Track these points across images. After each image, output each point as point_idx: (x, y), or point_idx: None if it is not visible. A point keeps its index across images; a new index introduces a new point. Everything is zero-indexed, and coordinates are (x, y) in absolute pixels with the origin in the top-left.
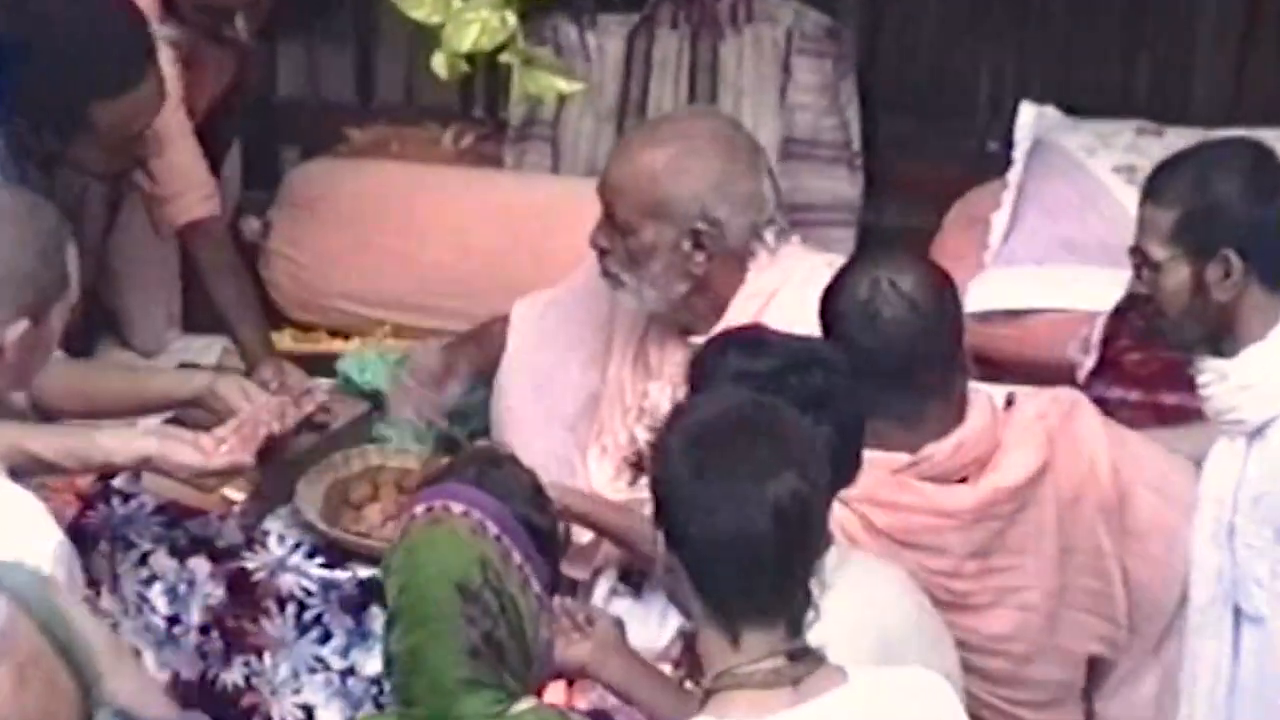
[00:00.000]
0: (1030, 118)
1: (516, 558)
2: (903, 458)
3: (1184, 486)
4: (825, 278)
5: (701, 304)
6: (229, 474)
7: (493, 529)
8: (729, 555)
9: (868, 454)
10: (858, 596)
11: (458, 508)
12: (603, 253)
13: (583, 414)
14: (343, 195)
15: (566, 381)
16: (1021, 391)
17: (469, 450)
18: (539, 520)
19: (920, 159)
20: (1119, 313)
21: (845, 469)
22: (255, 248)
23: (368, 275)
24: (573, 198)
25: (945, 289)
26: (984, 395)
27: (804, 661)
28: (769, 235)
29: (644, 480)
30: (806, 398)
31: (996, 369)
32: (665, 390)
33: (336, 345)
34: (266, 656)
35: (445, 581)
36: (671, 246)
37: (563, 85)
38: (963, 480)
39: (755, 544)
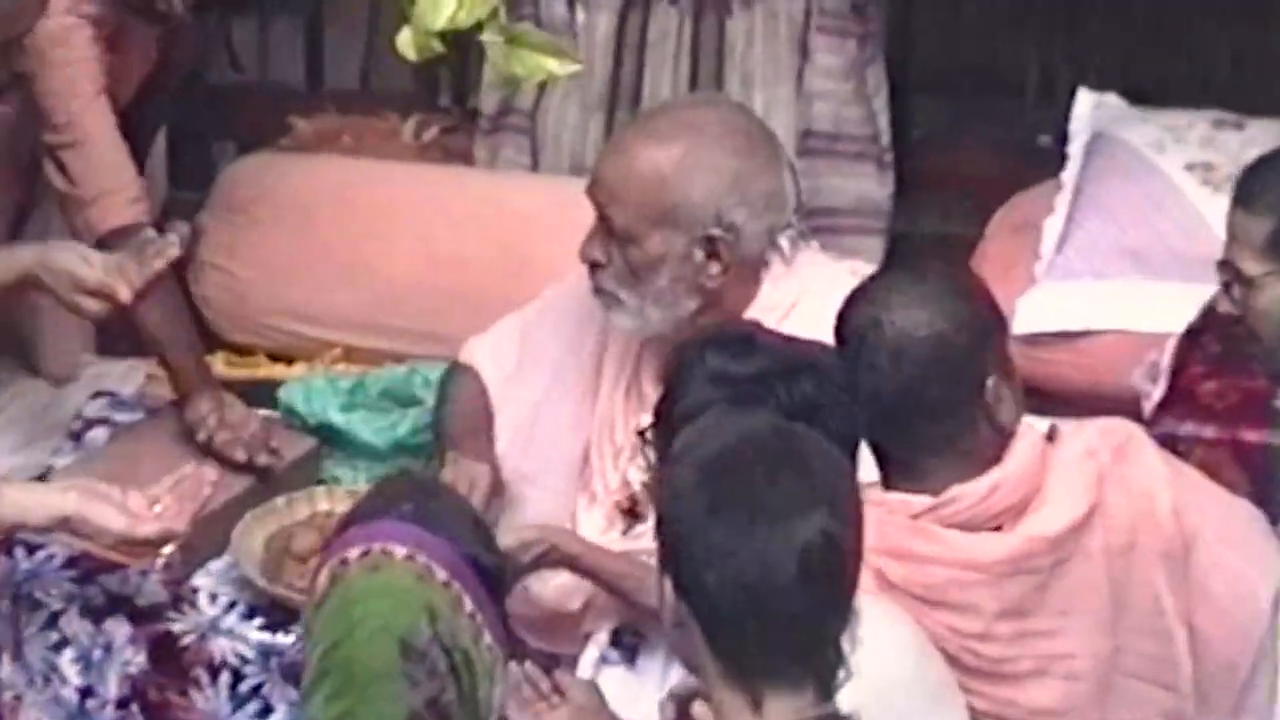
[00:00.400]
0: (1088, 107)
1: (468, 605)
2: (924, 500)
3: (1255, 531)
4: (849, 288)
5: (709, 321)
6: (160, 543)
7: (441, 573)
8: (750, 607)
9: (884, 496)
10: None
11: (400, 550)
12: (595, 267)
13: (582, 458)
14: (286, 196)
15: (558, 422)
16: (1066, 425)
17: (397, 480)
18: (488, 560)
19: (960, 155)
20: (1192, 335)
21: None
22: (184, 257)
23: (315, 289)
24: (555, 199)
25: (972, 318)
26: (1034, 431)
27: None
28: (784, 241)
29: (639, 528)
30: (792, 409)
31: (1049, 400)
32: None
33: (278, 371)
34: None
35: (388, 638)
36: (681, 257)
37: (554, 66)
38: (996, 528)
39: (781, 593)
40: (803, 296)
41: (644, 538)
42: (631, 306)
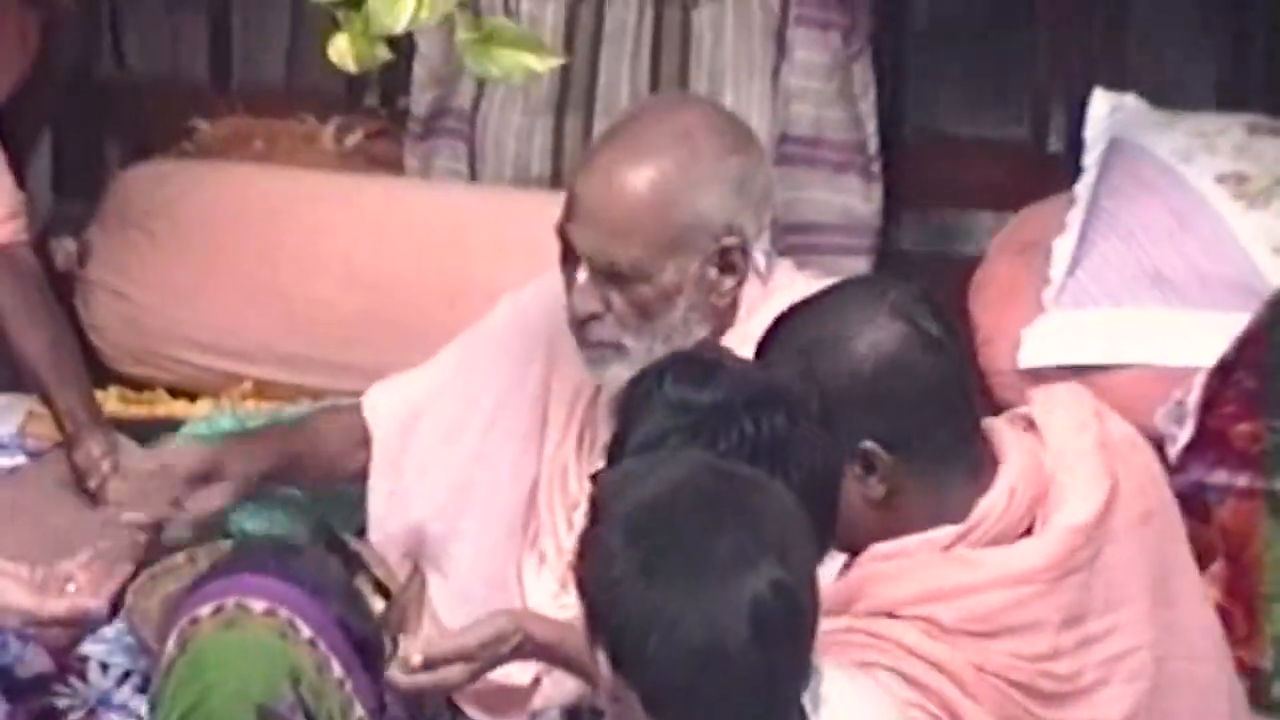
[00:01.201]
0: (1105, 110)
1: (336, 670)
2: (947, 530)
3: None
4: None
5: None
6: (72, 623)
7: (305, 630)
8: (699, 675)
9: (900, 542)
10: None
11: (258, 605)
12: (589, 320)
13: (525, 513)
14: (188, 208)
15: (498, 473)
16: (1006, 415)
17: (254, 539)
18: (360, 626)
19: (958, 164)
20: (1224, 370)
21: (817, 541)
22: (69, 278)
23: (221, 315)
24: (495, 213)
25: (937, 349)
26: (1001, 424)
27: None
28: (759, 255)
29: None
30: (758, 443)
31: None
32: None
33: (179, 408)
34: None
35: (243, 704)
36: (697, 280)
37: (535, 63)
38: (1026, 533)
39: (732, 657)
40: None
41: None
42: (638, 353)
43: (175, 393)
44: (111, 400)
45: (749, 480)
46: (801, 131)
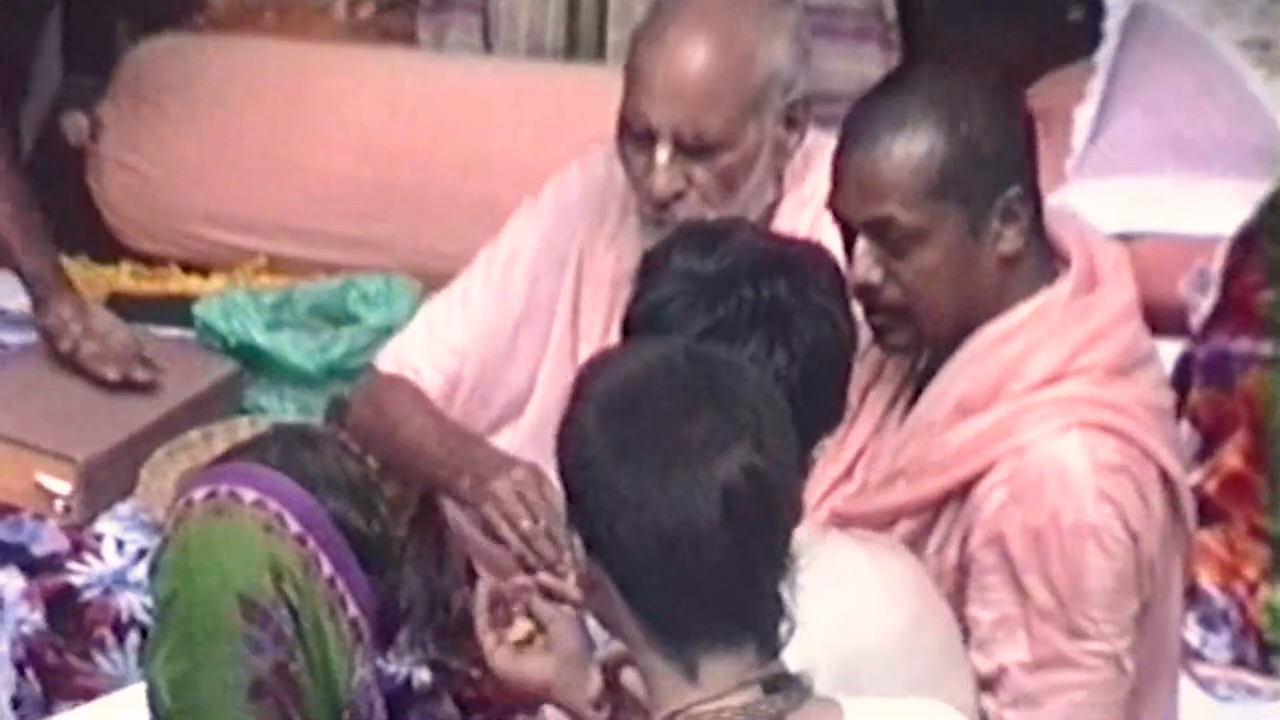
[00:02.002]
0: None
1: (325, 568)
2: (1061, 290)
3: None
4: None
5: (760, 222)
6: None
7: (294, 526)
8: (670, 560)
9: (1017, 314)
10: (820, 607)
11: (248, 495)
12: (671, 202)
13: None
14: (200, 83)
15: (527, 390)
16: None
17: (278, 426)
18: (361, 524)
19: (976, 32)
20: (1247, 238)
21: (820, 417)
22: (80, 153)
23: (234, 190)
24: (509, 85)
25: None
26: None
27: (785, 692)
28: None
29: None
30: (759, 311)
31: None
32: None
33: (193, 284)
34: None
35: (225, 592)
36: (771, 141)
37: None
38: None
39: (703, 543)
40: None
41: None
42: None
43: (188, 268)
44: (123, 276)
45: (725, 364)
46: (820, 1)
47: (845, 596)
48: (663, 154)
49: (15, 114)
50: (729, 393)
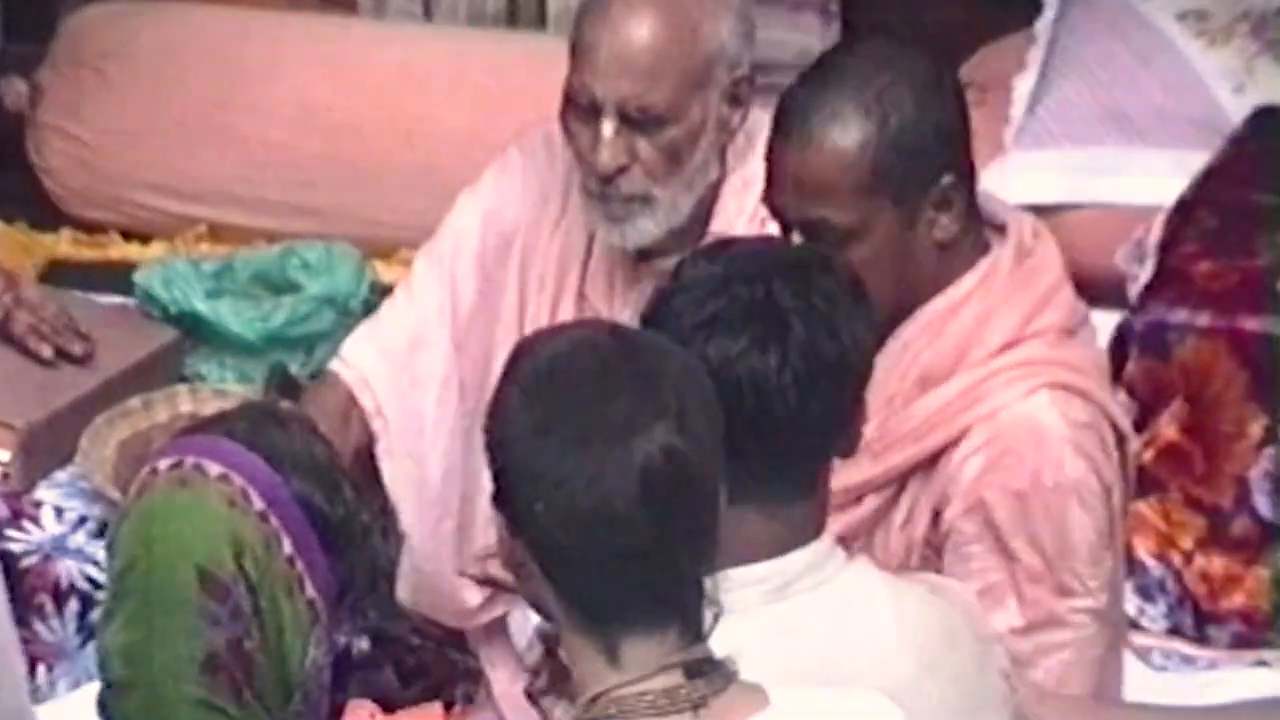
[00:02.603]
0: None
1: (286, 547)
2: (1004, 254)
3: None
4: None
5: (697, 210)
6: None
7: (257, 503)
8: (588, 540)
9: (962, 286)
10: (820, 625)
11: (214, 469)
12: (616, 176)
13: None
14: (140, 48)
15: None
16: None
17: (247, 402)
18: (324, 506)
19: (916, 3)
20: (1184, 209)
21: (819, 433)
22: (20, 119)
23: (174, 156)
24: (450, 53)
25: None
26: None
27: (708, 678)
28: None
29: None
30: (752, 311)
31: None
32: None
33: (133, 251)
34: (40, 671)
35: (184, 563)
36: (715, 116)
37: None
38: None
39: (620, 522)
40: None
41: None
42: (664, 202)
43: (128, 235)
44: (64, 243)
45: (650, 344)
46: None
47: (849, 624)
48: (608, 128)
49: None
50: (652, 373)
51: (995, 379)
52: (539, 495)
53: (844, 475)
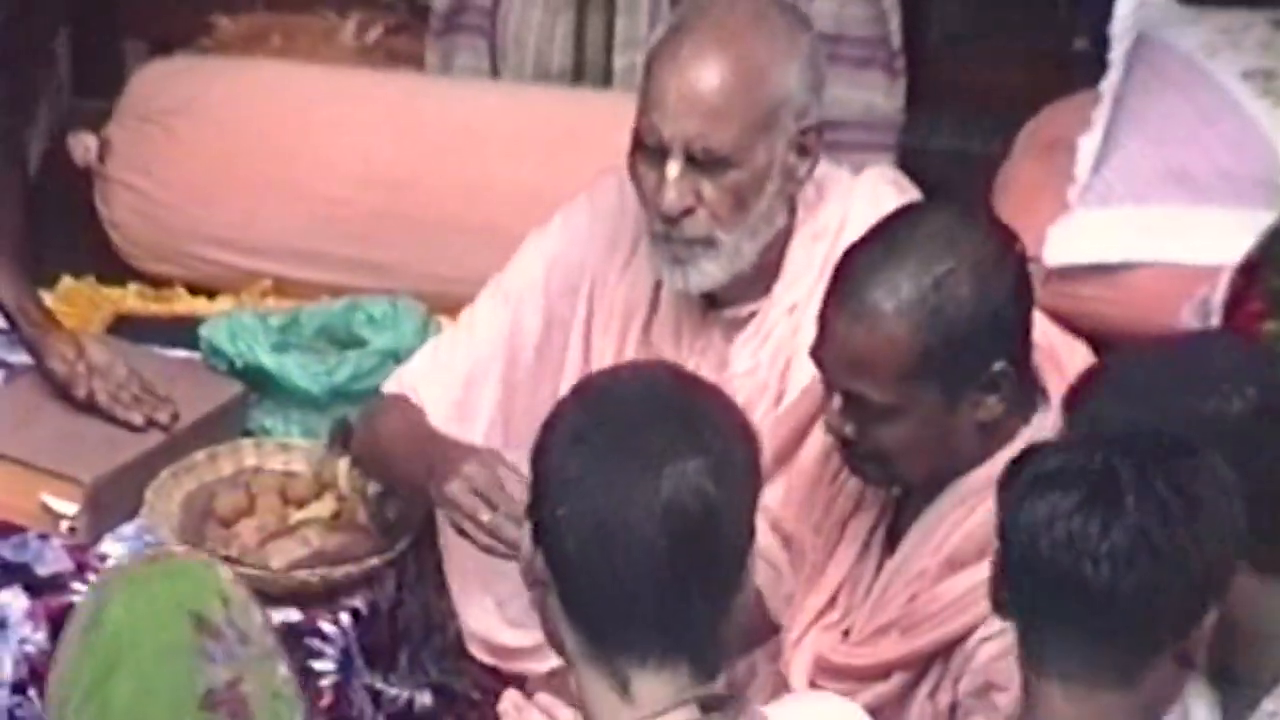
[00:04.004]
0: (1131, 6)
1: (257, 616)
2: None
3: None
4: (895, 203)
5: (768, 257)
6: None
7: (226, 573)
8: (604, 556)
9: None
10: None
11: (179, 548)
12: (680, 218)
13: None
14: (207, 105)
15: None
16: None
17: None
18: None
19: (983, 61)
20: (1249, 267)
21: (1167, 630)
22: (88, 174)
23: (241, 212)
24: (516, 110)
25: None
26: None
27: (723, 711)
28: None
29: None
30: (1209, 433)
31: (1086, 343)
32: None
33: (199, 305)
34: None
35: (179, 612)
36: (781, 163)
37: None
38: None
39: (638, 545)
40: (848, 217)
41: None
42: (728, 246)
43: (194, 290)
44: (130, 297)
45: (707, 389)
46: (824, 27)
47: None
48: (673, 168)
49: (23, 135)
50: (700, 414)
51: None
52: (564, 499)
53: (875, 651)
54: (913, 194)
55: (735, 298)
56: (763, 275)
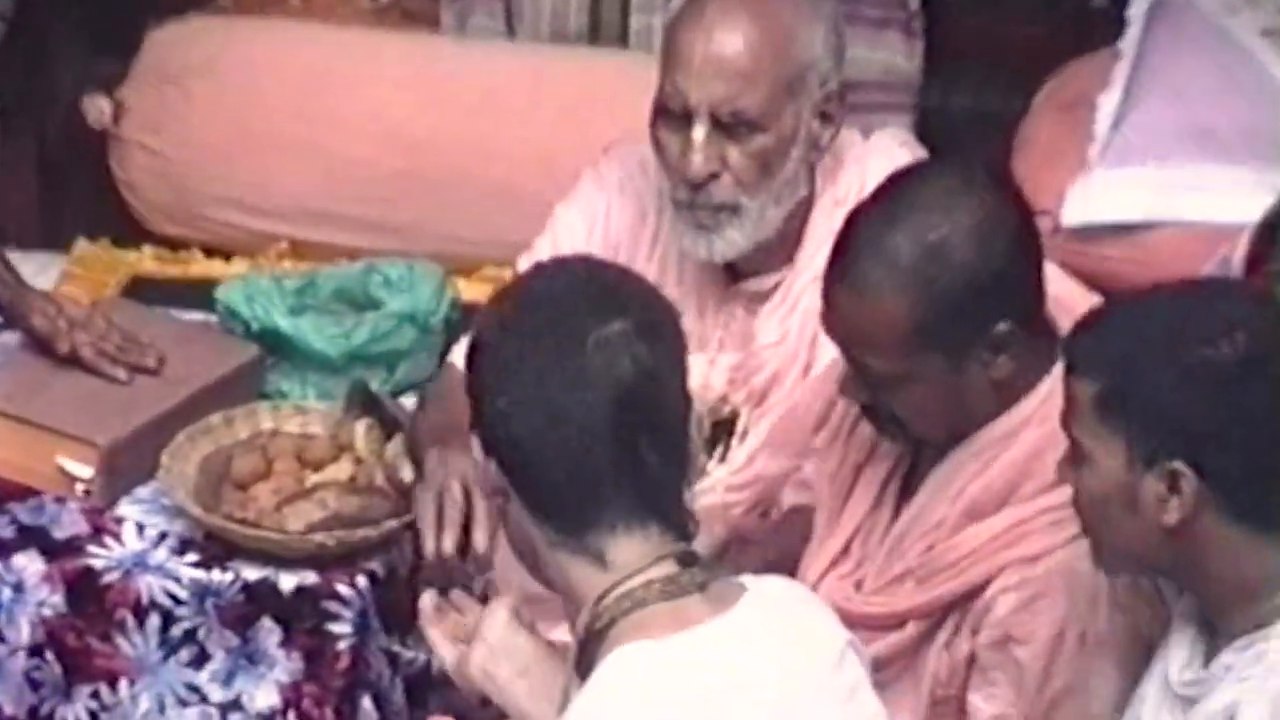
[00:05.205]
0: None
1: None
2: (1052, 383)
3: None
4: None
5: (790, 226)
6: None
7: None
8: (553, 433)
9: (1020, 411)
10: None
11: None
12: (705, 183)
13: None
14: (223, 65)
15: None
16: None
17: None
18: None
19: (1001, 19)
20: (1270, 226)
21: None
22: (103, 136)
23: (257, 173)
24: (532, 70)
25: None
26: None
27: (700, 566)
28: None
29: (737, 453)
30: (1199, 377)
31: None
32: (717, 363)
33: (215, 268)
34: (121, 685)
35: None
36: (806, 129)
37: None
38: None
39: (581, 411)
40: (866, 182)
41: (704, 493)
42: (753, 213)
43: (210, 252)
44: (146, 260)
45: (622, 268)
46: None
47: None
48: (699, 132)
49: (38, 97)
50: (616, 284)
51: (1040, 519)
52: (503, 389)
53: (889, 600)
54: (922, 155)
55: (758, 268)
56: (785, 244)
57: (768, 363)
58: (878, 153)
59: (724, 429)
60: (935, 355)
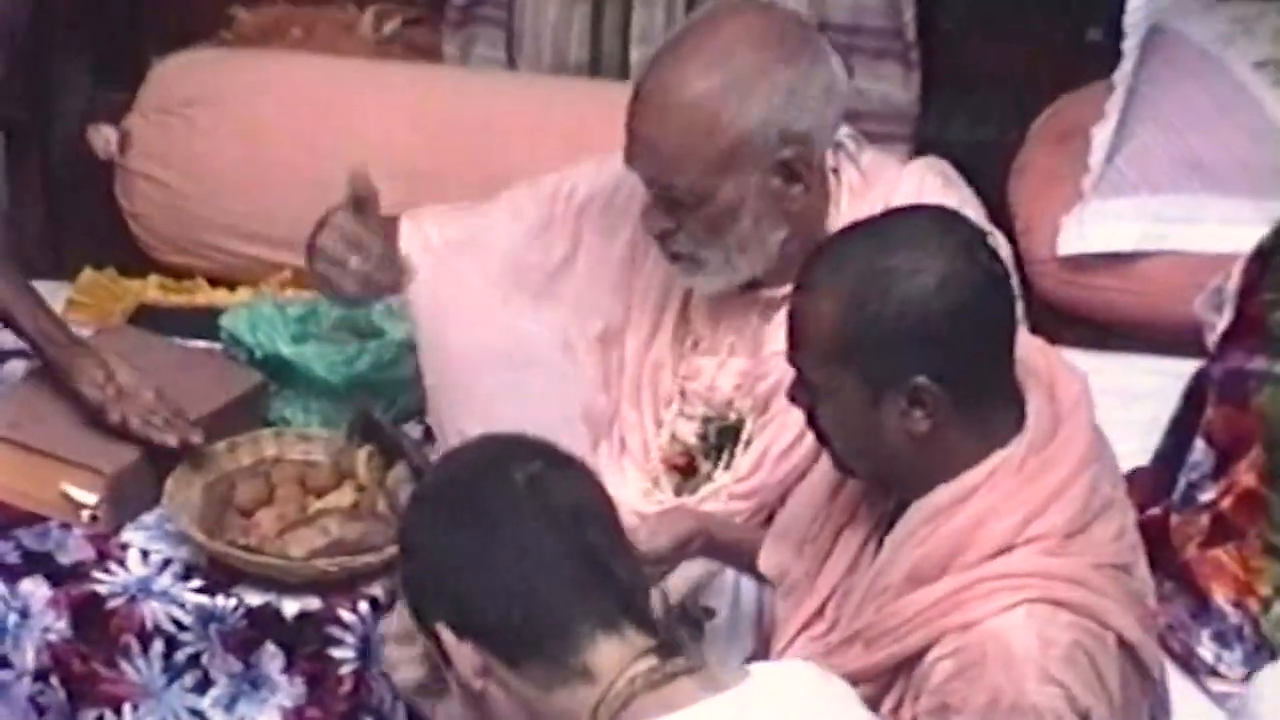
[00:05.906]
0: None
1: None
2: (1012, 452)
3: None
4: (939, 195)
5: (794, 247)
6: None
7: None
8: (519, 577)
9: (969, 479)
10: None
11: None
12: (665, 236)
13: (600, 401)
14: (227, 96)
15: (575, 357)
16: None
17: None
18: None
19: (997, 51)
20: (1263, 255)
21: None
22: (109, 166)
23: (260, 203)
24: (533, 101)
25: None
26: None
27: (684, 656)
28: (849, 142)
29: (703, 490)
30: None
31: (1099, 332)
32: (726, 366)
33: (219, 297)
34: (125, 710)
35: None
36: (759, 193)
37: None
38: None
39: (539, 552)
40: (890, 205)
41: (707, 499)
42: (716, 263)
43: (215, 281)
44: (151, 289)
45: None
46: (840, 19)
47: None
48: (649, 196)
49: (44, 127)
50: (516, 440)
51: (978, 587)
52: (453, 570)
53: (842, 662)
54: (960, 187)
55: (772, 280)
56: (798, 258)
57: (773, 371)
58: (910, 178)
59: (729, 436)
60: (853, 378)
